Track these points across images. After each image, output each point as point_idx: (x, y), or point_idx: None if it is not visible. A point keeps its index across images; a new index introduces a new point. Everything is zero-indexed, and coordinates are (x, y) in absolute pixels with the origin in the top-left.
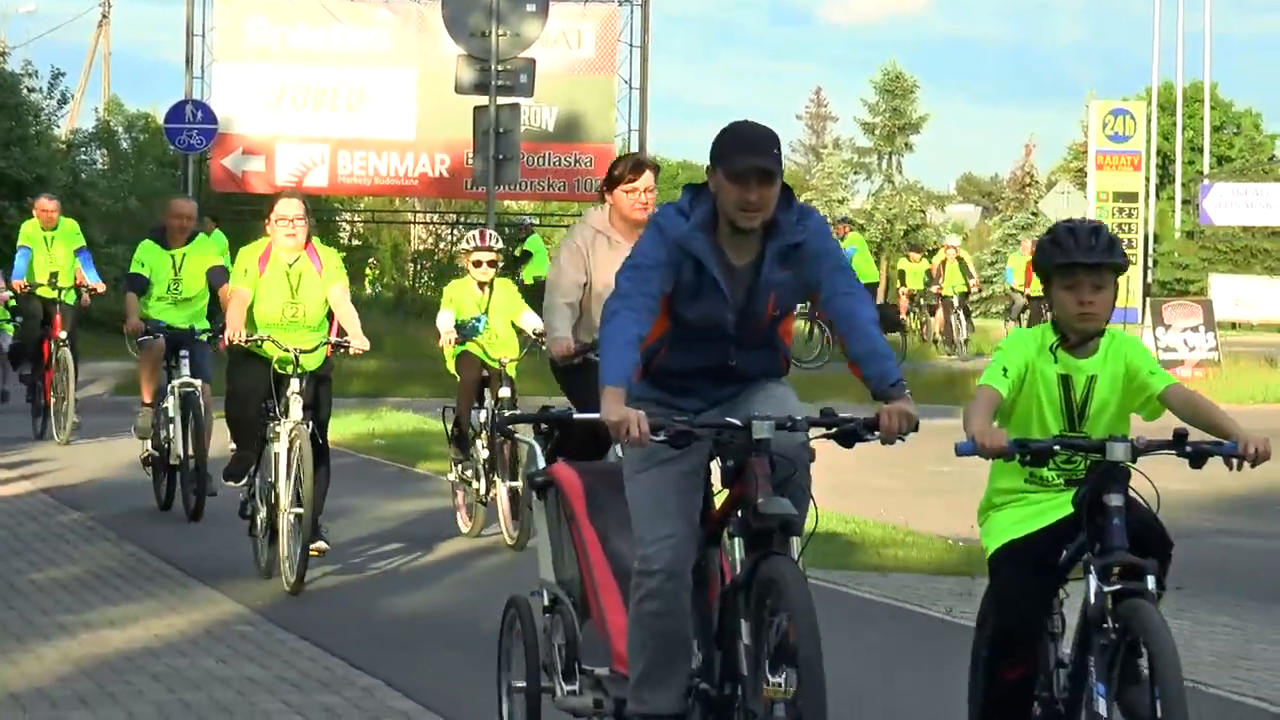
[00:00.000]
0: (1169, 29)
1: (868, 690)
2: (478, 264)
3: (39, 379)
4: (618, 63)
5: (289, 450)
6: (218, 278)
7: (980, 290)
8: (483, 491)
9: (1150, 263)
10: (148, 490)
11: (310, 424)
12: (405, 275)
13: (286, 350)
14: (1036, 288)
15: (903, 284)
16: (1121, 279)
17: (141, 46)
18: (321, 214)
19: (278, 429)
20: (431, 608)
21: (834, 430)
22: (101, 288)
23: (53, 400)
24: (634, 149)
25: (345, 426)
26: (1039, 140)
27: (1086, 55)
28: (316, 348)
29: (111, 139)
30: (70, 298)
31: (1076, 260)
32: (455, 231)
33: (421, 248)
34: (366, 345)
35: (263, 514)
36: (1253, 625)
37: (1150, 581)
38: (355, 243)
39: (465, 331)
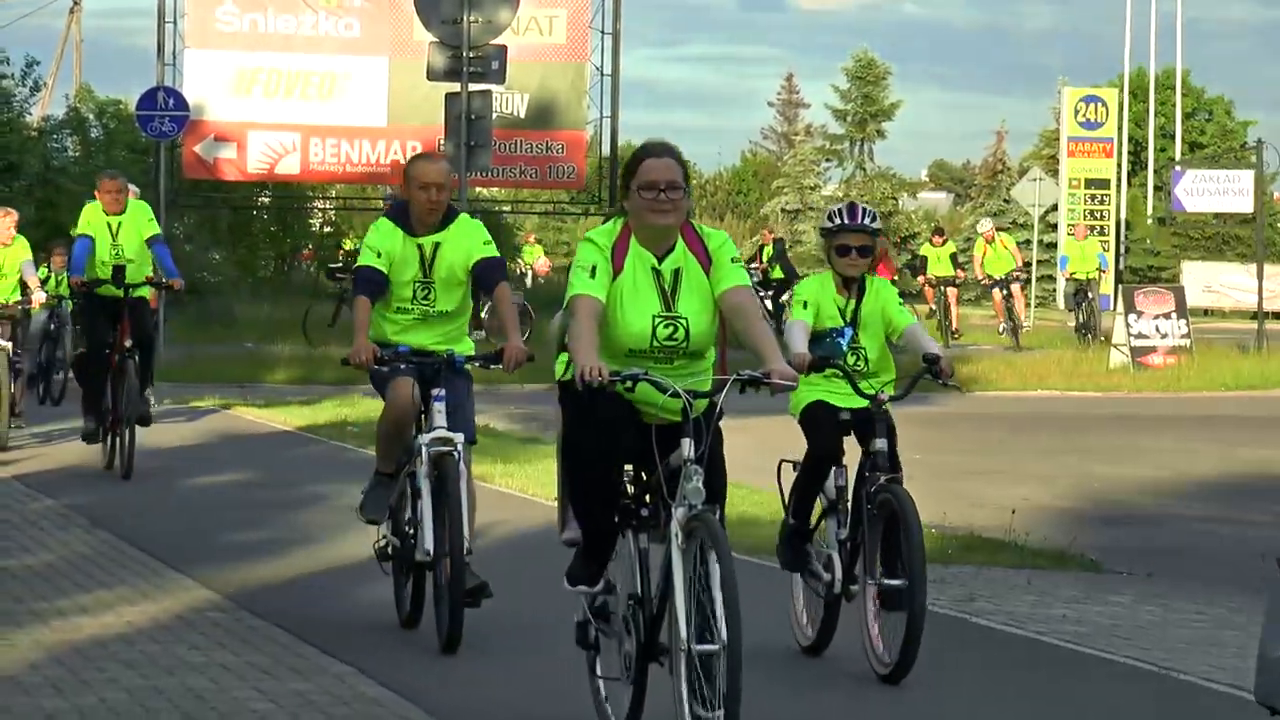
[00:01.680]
0: (1141, 16)
1: (837, 674)
2: (844, 251)
3: (102, 399)
4: (589, 49)
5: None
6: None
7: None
8: None
9: (1122, 250)
10: (121, 478)
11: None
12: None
13: None
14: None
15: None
16: (1094, 265)
17: (113, 33)
18: (293, 201)
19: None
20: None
21: None
22: (180, 284)
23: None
24: (606, 135)
25: (317, 413)
26: (1011, 127)
27: (1059, 42)
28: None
29: (83, 126)
30: (142, 295)
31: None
32: None
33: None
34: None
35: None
36: (1224, 611)
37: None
38: (327, 230)
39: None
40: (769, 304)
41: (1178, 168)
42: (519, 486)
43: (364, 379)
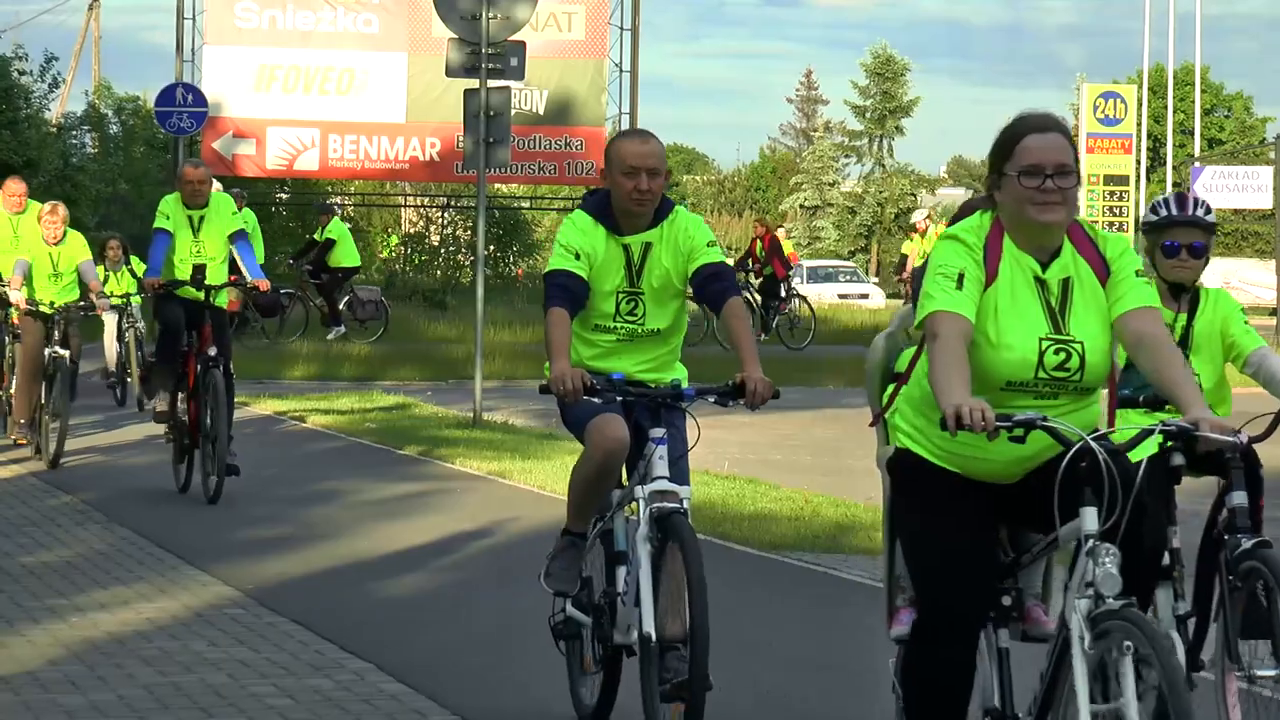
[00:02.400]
0: (1160, 12)
1: (857, 672)
2: (1172, 250)
3: (183, 412)
4: (608, 45)
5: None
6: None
7: None
8: None
9: (1140, 247)
10: (139, 473)
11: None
12: (396, 258)
13: None
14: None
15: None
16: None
17: (132, 30)
18: (312, 197)
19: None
20: (422, 591)
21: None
22: (266, 285)
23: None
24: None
25: (336, 409)
26: None
27: (1077, 37)
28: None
29: (101, 122)
30: (222, 299)
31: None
32: (445, 215)
33: (412, 231)
34: None
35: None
36: None
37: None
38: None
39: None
40: (756, 298)
41: (1196, 164)
42: (537, 483)
43: (380, 374)
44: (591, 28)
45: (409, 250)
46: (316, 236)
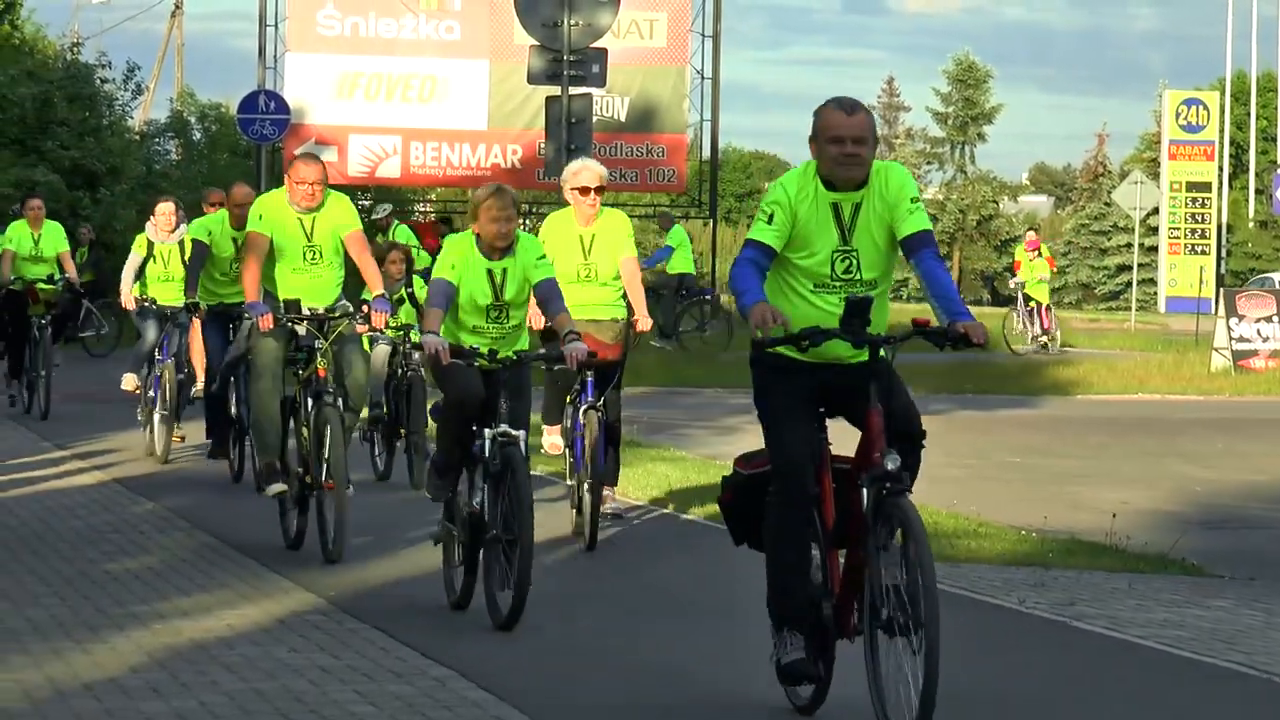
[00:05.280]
0: (1243, 17)
1: (941, 683)
2: None
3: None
4: (690, 52)
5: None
6: None
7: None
8: None
9: (1224, 253)
10: (220, 479)
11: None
12: None
13: None
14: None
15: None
16: (1195, 269)
17: (214, 36)
18: (394, 204)
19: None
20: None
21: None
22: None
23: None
24: (706, 139)
25: None
26: (1112, 130)
27: (1160, 44)
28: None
29: (184, 129)
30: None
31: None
32: (527, 222)
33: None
34: None
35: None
36: None
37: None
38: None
39: None
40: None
41: (1279, 171)
42: (634, 493)
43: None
44: (673, 35)
45: None
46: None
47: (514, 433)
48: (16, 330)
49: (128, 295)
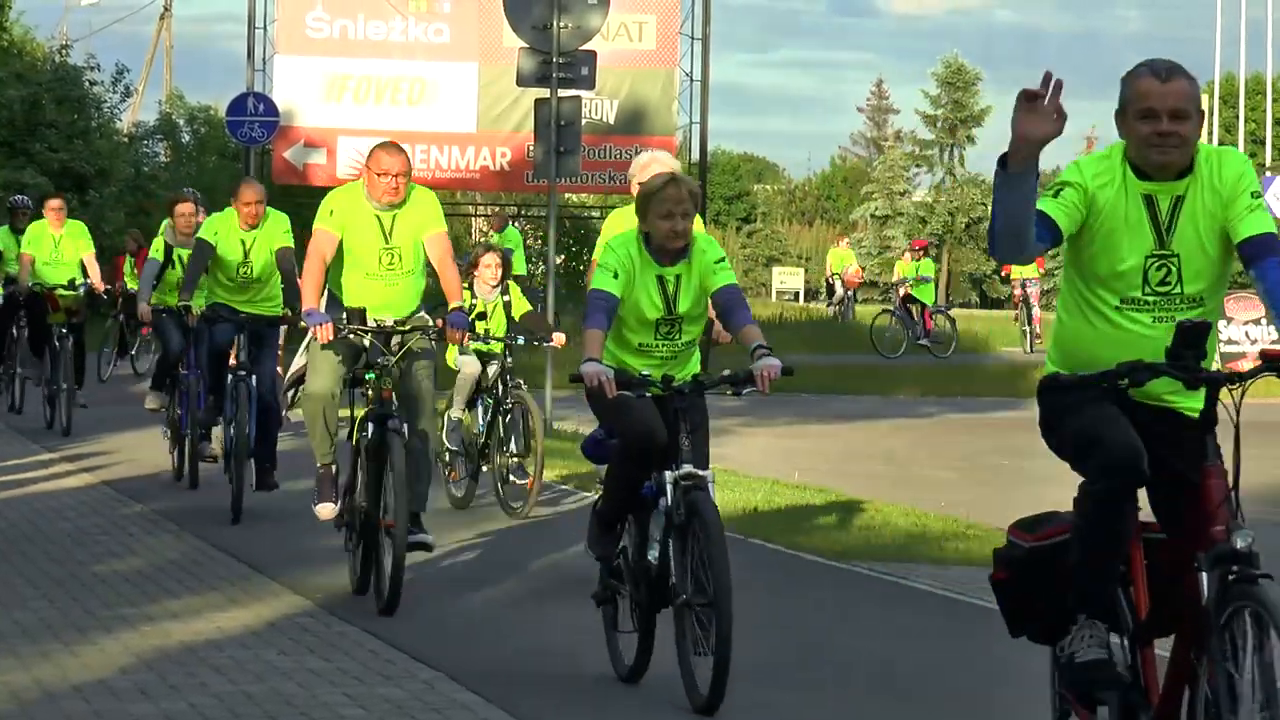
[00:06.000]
0: (1231, 20)
1: (926, 682)
2: None
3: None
4: (679, 55)
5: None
6: None
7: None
8: None
9: None
10: (210, 483)
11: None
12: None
13: None
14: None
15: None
16: None
17: (203, 39)
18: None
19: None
20: (493, 600)
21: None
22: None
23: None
24: (695, 141)
25: None
26: (1100, 133)
27: (1148, 47)
28: None
29: (173, 132)
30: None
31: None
32: (516, 224)
33: (482, 240)
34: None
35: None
36: None
37: None
38: None
39: None
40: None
41: (1268, 174)
42: None
43: (450, 383)
44: (662, 37)
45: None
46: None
47: (700, 474)
48: (34, 335)
49: (145, 304)
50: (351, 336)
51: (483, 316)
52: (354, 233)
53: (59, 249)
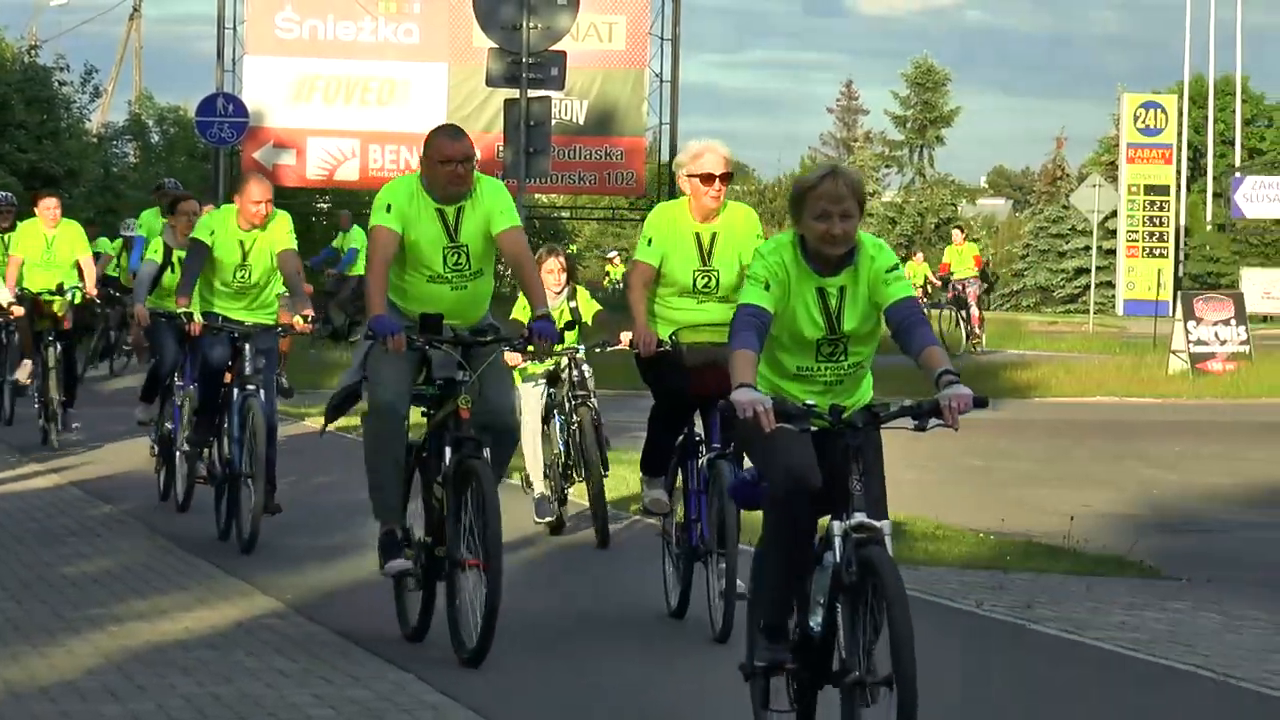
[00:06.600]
0: (1201, 22)
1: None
2: None
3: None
4: (649, 55)
5: None
6: None
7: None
8: None
9: (1182, 256)
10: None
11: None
12: None
13: None
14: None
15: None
16: (1153, 272)
17: (173, 39)
18: (352, 207)
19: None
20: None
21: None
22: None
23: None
24: (665, 142)
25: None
26: (1071, 134)
27: (1118, 48)
28: None
29: (143, 132)
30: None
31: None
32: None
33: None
34: None
35: None
36: None
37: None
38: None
39: None
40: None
41: (1237, 174)
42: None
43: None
44: (632, 38)
45: None
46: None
47: (875, 525)
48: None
49: (142, 309)
50: (427, 348)
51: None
52: (415, 230)
53: (52, 250)
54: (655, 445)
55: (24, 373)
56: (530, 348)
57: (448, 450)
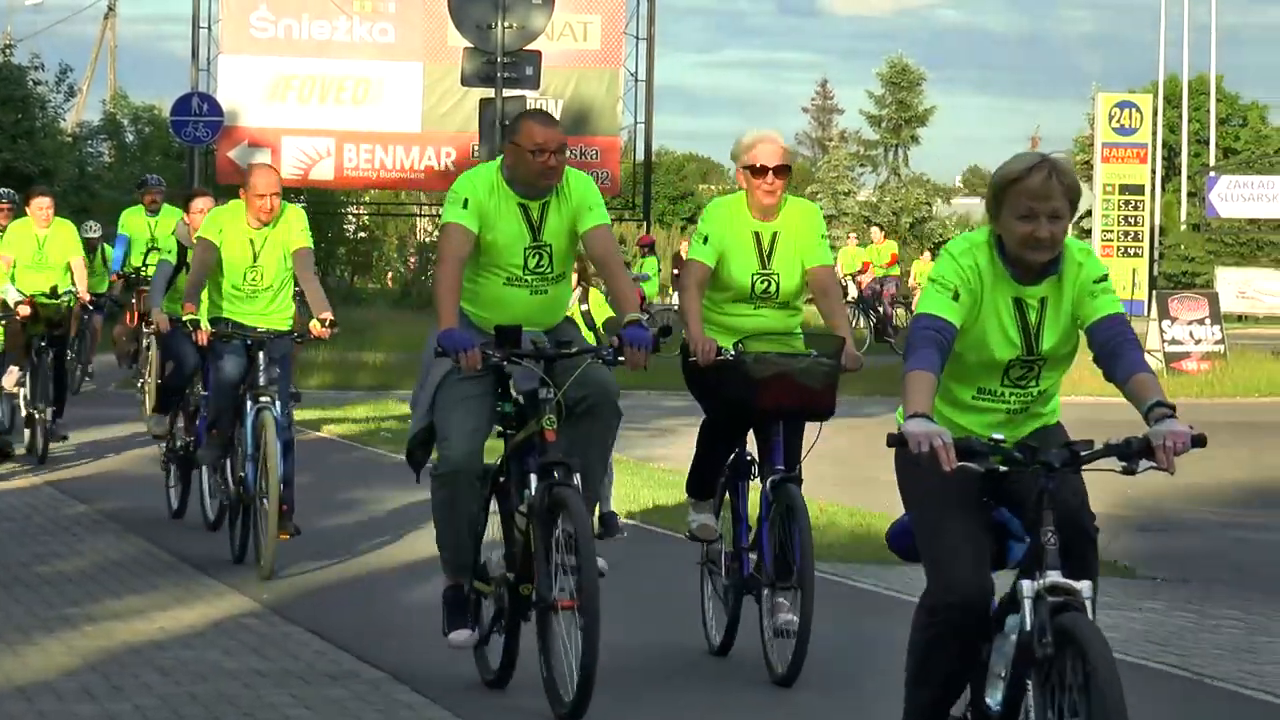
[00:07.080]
0: (1176, 21)
1: (869, 682)
2: None
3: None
4: (624, 55)
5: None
6: None
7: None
8: None
9: (1156, 255)
10: (154, 484)
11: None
12: (410, 268)
13: None
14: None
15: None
16: (1128, 271)
17: (147, 39)
18: (327, 206)
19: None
20: (437, 600)
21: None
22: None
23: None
24: (640, 141)
25: (351, 418)
26: (1046, 133)
27: (1093, 47)
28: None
29: (118, 132)
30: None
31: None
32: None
33: (427, 240)
34: None
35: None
36: (1258, 618)
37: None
38: (361, 235)
39: None
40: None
41: (1212, 174)
42: None
43: (396, 383)
44: (607, 37)
45: (424, 260)
46: None
47: (1075, 586)
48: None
49: (161, 314)
50: (505, 365)
51: None
52: (494, 227)
53: (43, 251)
54: (706, 463)
55: (10, 380)
56: (621, 359)
57: (532, 478)
